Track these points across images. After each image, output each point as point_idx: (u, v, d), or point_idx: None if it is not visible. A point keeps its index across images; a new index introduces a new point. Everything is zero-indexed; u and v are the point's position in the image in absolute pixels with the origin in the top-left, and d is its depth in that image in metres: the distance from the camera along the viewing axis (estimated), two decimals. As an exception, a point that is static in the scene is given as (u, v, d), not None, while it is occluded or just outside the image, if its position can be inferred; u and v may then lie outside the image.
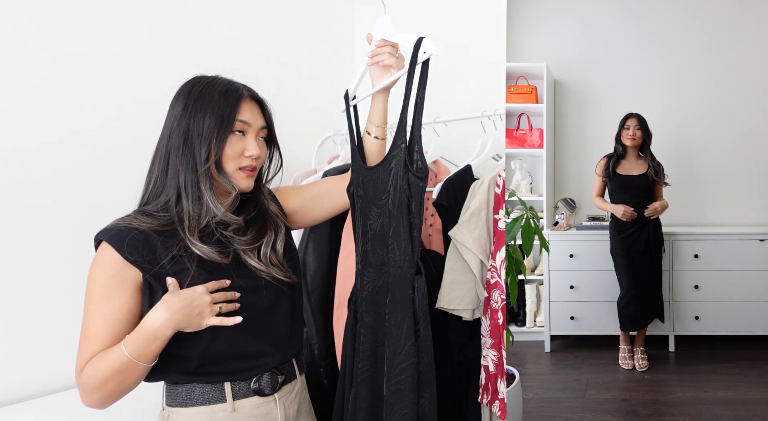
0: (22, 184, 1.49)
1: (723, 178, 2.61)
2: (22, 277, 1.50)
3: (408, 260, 1.07)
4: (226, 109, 1.02)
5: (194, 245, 0.99)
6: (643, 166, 2.49)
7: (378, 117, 1.22)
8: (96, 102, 1.62)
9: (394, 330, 1.07)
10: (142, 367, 0.95)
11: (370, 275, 1.16)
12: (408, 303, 1.07)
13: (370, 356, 1.13)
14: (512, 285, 1.72)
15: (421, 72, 1.03)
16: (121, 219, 1.01)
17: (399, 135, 1.07)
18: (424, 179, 1.06)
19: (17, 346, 1.49)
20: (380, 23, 1.16)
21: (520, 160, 2.82)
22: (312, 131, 2.09)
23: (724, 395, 2.18)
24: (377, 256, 1.14)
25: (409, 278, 1.07)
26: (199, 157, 1.01)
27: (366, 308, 1.16)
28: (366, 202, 1.17)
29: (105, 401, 0.97)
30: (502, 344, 1.34)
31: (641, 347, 2.51)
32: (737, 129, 2.57)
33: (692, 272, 2.54)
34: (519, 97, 2.71)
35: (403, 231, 1.07)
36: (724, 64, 2.57)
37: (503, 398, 1.34)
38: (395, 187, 1.08)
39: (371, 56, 1.17)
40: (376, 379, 1.12)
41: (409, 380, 1.05)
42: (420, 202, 1.06)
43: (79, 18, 1.59)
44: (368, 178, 1.16)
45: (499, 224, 1.34)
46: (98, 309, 0.96)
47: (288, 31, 2.16)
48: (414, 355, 1.05)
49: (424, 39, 1.03)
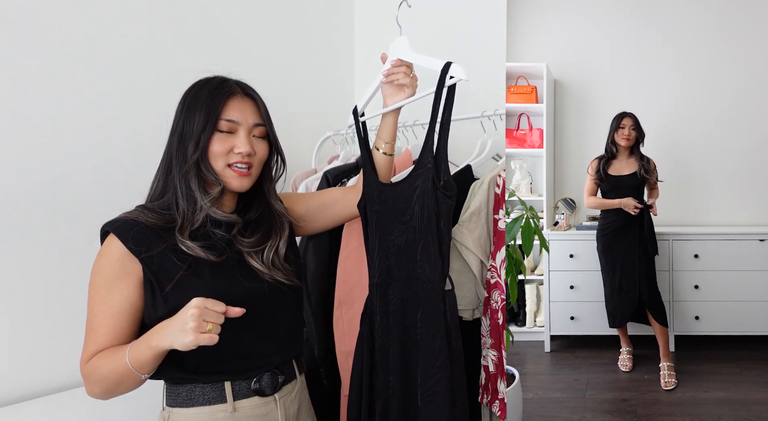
0: (22, 185, 1.49)
1: (723, 178, 2.60)
2: (22, 277, 1.50)
3: (438, 274, 1.11)
4: (212, 107, 1.02)
5: (182, 243, 1.00)
6: (633, 166, 2.49)
7: (388, 134, 1.25)
8: (99, 103, 1.62)
9: (427, 343, 1.11)
10: (139, 379, 0.96)
11: (395, 289, 1.19)
12: (440, 317, 1.11)
13: (401, 368, 1.16)
14: (512, 285, 1.72)
15: (447, 95, 1.08)
16: (129, 213, 1.03)
17: (425, 154, 1.11)
18: (453, 197, 1.10)
19: (17, 346, 1.49)
20: (397, 43, 1.20)
21: (520, 160, 2.82)
22: (312, 131, 2.09)
23: (724, 395, 2.18)
24: (403, 270, 1.17)
25: (440, 293, 1.11)
26: (188, 154, 1.02)
27: (393, 321, 1.18)
28: (385, 218, 1.20)
29: (106, 395, 0.99)
30: (502, 344, 1.34)
31: (668, 361, 2.36)
32: (738, 129, 2.56)
33: (692, 272, 2.53)
34: (519, 97, 2.71)
35: (432, 247, 1.11)
36: (724, 64, 2.56)
37: (503, 398, 1.34)
38: (422, 204, 1.11)
39: (386, 75, 1.21)
40: (407, 390, 1.16)
41: (444, 392, 1.09)
42: (448, 219, 1.11)
43: (84, 18, 1.59)
44: (386, 195, 1.19)
45: (499, 224, 1.34)
46: (103, 301, 0.97)
47: (288, 31, 2.16)
48: (448, 367, 1.10)
49: (452, 64, 1.07)
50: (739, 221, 2.58)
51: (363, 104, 1.34)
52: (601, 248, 2.51)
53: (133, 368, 0.93)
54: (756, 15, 2.49)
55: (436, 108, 1.09)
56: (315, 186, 1.64)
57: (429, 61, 1.12)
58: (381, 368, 1.20)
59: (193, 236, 1.02)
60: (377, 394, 1.20)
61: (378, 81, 1.24)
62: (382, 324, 1.20)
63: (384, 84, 1.22)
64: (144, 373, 0.95)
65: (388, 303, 1.19)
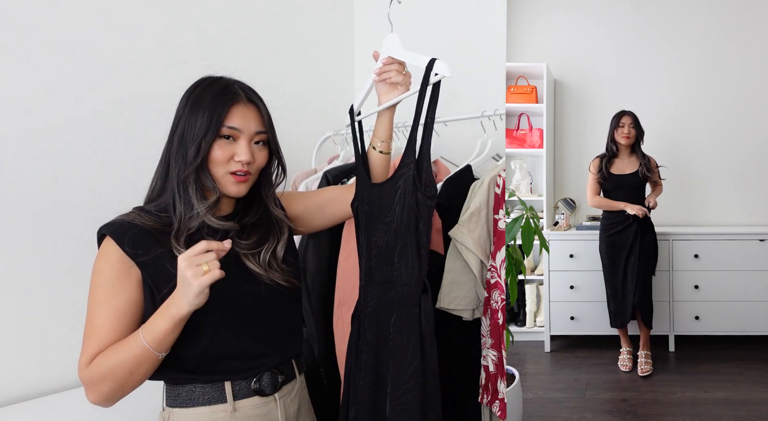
0: (24, 185, 1.49)
1: (723, 178, 2.60)
2: (21, 277, 1.50)
3: (415, 278, 1.07)
4: (215, 113, 1.01)
5: (177, 250, 0.98)
6: (635, 164, 2.50)
7: (383, 132, 1.24)
8: (102, 104, 1.62)
9: (400, 349, 1.07)
10: (157, 358, 0.94)
11: (374, 292, 1.16)
12: (414, 322, 1.06)
13: (372, 373, 1.12)
14: (512, 285, 1.72)
15: (432, 93, 1.04)
16: (125, 215, 1.02)
17: (408, 154, 1.08)
18: (433, 198, 1.06)
19: (17, 346, 1.49)
20: (388, 41, 1.18)
21: (520, 160, 2.81)
22: (312, 131, 2.10)
23: (724, 395, 2.18)
24: (382, 273, 1.14)
25: (416, 297, 1.07)
26: (189, 159, 1.00)
27: (369, 325, 1.15)
28: (371, 219, 1.17)
29: (113, 395, 0.96)
30: (502, 344, 1.34)
31: (646, 350, 2.50)
32: (738, 129, 2.56)
33: (692, 272, 2.53)
34: (519, 97, 2.71)
35: (410, 249, 1.07)
36: (725, 65, 2.56)
37: (503, 398, 1.34)
38: (403, 205, 1.08)
39: (378, 73, 1.19)
40: (377, 396, 1.11)
41: (415, 401, 1.04)
42: (428, 221, 1.06)
43: (85, 20, 1.59)
44: (374, 195, 1.16)
45: (499, 224, 1.34)
46: (104, 302, 0.96)
47: (288, 30, 2.16)
48: (420, 374, 1.04)
49: (436, 61, 1.03)
50: (739, 221, 2.58)
51: (358, 103, 1.33)
52: (603, 247, 2.51)
53: (151, 348, 0.92)
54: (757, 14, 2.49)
55: (420, 106, 1.06)
56: (315, 186, 1.64)
57: (416, 58, 1.10)
58: (356, 373, 1.17)
59: (188, 241, 1.01)
60: (353, 399, 1.17)
61: (371, 80, 1.23)
62: (362, 327, 1.18)
63: (377, 83, 1.21)
64: (162, 350, 0.94)
65: (367, 306, 1.17)
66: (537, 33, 2.75)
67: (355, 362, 1.20)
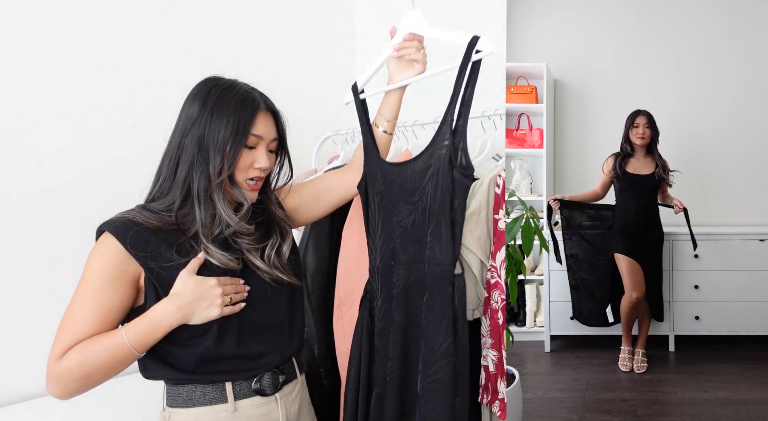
0: (23, 184, 1.49)
1: (723, 178, 2.60)
2: (20, 277, 1.50)
3: (450, 257, 1.07)
4: (242, 122, 1.00)
5: (210, 252, 0.99)
6: (651, 166, 2.48)
7: (390, 112, 1.21)
8: (98, 103, 1.62)
9: (432, 328, 1.07)
10: (135, 358, 0.95)
11: (400, 273, 1.15)
12: (448, 301, 1.07)
13: (401, 354, 1.13)
14: (512, 285, 1.72)
15: (471, 70, 1.02)
16: (127, 212, 1.01)
17: (442, 132, 1.06)
18: (470, 178, 1.06)
19: (17, 346, 1.49)
20: (410, 17, 1.12)
21: (520, 160, 2.81)
22: (312, 131, 2.09)
23: (724, 395, 2.18)
24: (408, 253, 1.13)
25: (450, 276, 1.08)
26: (213, 167, 0.99)
27: (396, 306, 1.15)
28: (389, 199, 1.16)
29: (77, 390, 0.94)
30: (502, 344, 1.34)
31: (642, 348, 2.51)
32: (738, 130, 2.56)
33: (692, 272, 2.53)
34: (519, 97, 2.71)
35: (444, 229, 1.07)
36: (725, 65, 2.56)
37: (503, 398, 1.34)
38: (436, 184, 1.07)
39: (398, 49, 1.15)
40: (406, 378, 1.12)
41: (446, 380, 1.05)
42: (463, 200, 1.07)
43: (85, 20, 1.60)
44: (393, 175, 1.15)
45: (499, 224, 1.34)
46: (92, 298, 0.94)
47: (288, 30, 2.16)
48: (452, 353, 1.06)
49: (481, 37, 1.01)
50: (739, 221, 2.58)
51: (364, 81, 1.28)
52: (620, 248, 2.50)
53: (133, 348, 0.93)
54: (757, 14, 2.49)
55: (459, 83, 1.04)
56: (315, 186, 1.64)
57: (452, 34, 1.06)
58: (380, 355, 1.17)
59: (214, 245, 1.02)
60: (375, 382, 1.17)
61: (385, 55, 1.18)
62: (384, 309, 1.17)
63: (393, 59, 1.17)
64: (143, 351, 0.96)
65: (391, 287, 1.16)
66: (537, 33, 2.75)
67: (367, 346, 1.20)
